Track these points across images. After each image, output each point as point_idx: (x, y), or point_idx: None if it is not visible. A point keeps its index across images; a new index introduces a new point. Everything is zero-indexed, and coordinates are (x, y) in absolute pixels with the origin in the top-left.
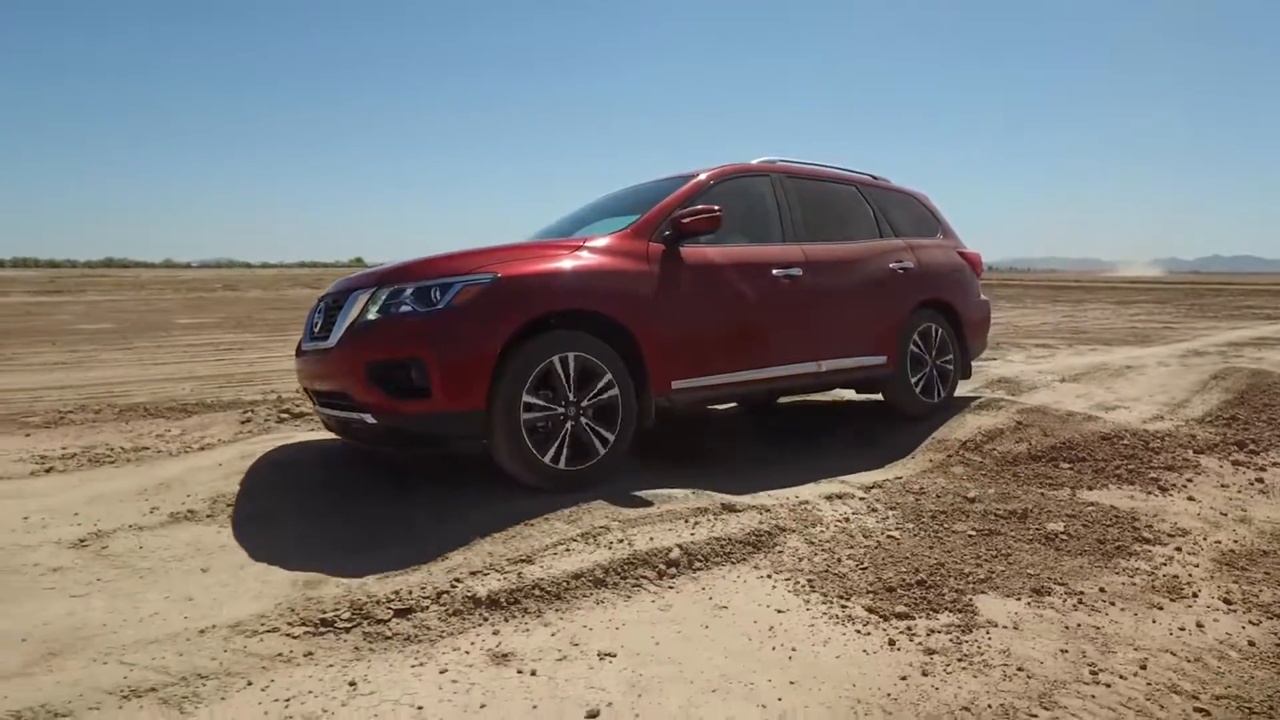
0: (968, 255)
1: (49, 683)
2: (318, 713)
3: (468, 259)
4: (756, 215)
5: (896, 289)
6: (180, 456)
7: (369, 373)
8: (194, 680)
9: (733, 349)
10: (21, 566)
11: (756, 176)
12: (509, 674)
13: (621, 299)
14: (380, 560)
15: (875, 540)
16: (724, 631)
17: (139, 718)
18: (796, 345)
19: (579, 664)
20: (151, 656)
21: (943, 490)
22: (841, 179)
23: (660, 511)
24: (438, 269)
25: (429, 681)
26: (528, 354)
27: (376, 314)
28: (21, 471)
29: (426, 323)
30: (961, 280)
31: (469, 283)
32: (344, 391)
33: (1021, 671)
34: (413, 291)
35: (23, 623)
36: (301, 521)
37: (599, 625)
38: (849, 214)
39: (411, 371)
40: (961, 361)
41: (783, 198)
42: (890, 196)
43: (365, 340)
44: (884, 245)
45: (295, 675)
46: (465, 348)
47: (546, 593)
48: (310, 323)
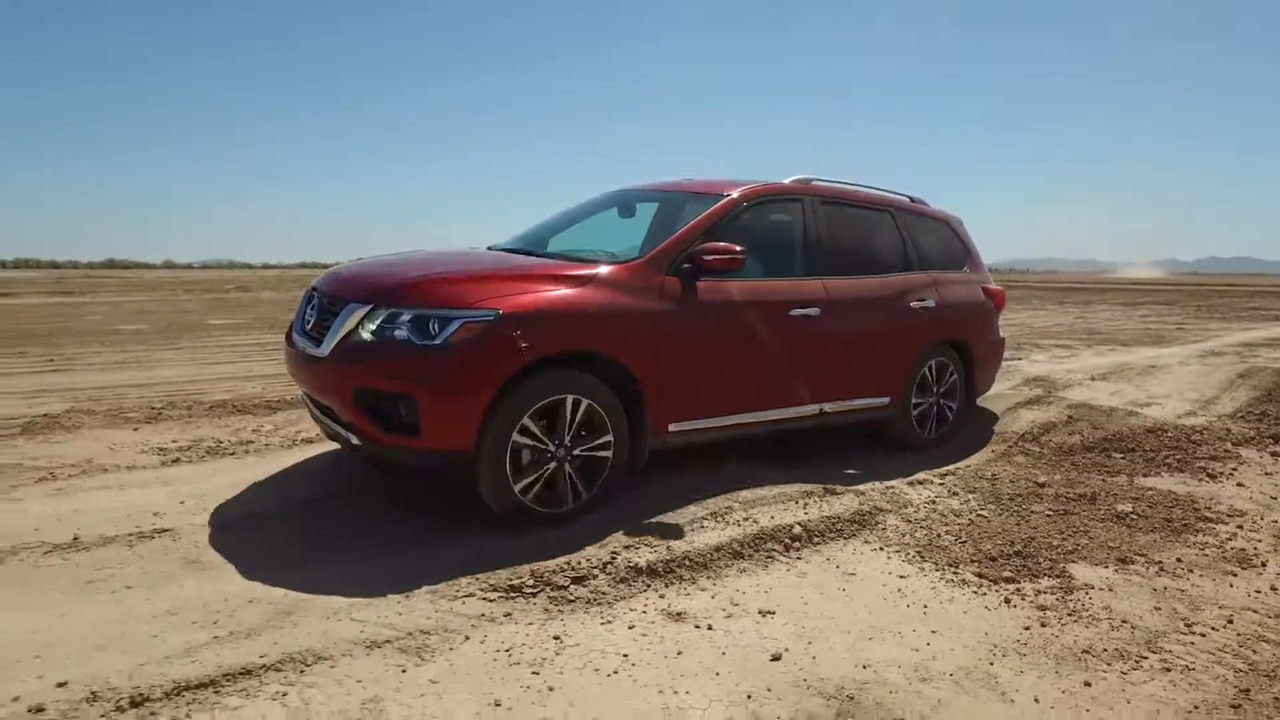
0: (991, 291)
1: (300, 634)
2: (538, 660)
3: (467, 286)
4: (781, 244)
5: (913, 329)
6: (291, 449)
7: (357, 398)
8: (419, 635)
9: (736, 392)
10: (203, 542)
11: (788, 200)
12: (688, 628)
13: (629, 341)
14: (540, 539)
15: (966, 519)
16: (859, 593)
17: (386, 662)
18: (802, 388)
19: (745, 620)
20: (376, 615)
21: (1014, 476)
22: (877, 203)
23: (773, 494)
24: (438, 295)
25: (622, 635)
26: (527, 390)
27: (370, 335)
28: (152, 462)
29: (421, 359)
30: (980, 319)
31: (470, 319)
32: (330, 406)
33: (1125, 623)
34: (410, 319)
35: (242, 588)
36: (448, 506)
37: (749, 589)
38: (878, 244)
39: (401, 406)
40: (966, 400)
41: (811, 225)
42: (922, 223)
43: (357, 362)
44: (908, 281)
45: (504, 631)
46: (459, 390)
47: (695, 563)
48: (302, 313)
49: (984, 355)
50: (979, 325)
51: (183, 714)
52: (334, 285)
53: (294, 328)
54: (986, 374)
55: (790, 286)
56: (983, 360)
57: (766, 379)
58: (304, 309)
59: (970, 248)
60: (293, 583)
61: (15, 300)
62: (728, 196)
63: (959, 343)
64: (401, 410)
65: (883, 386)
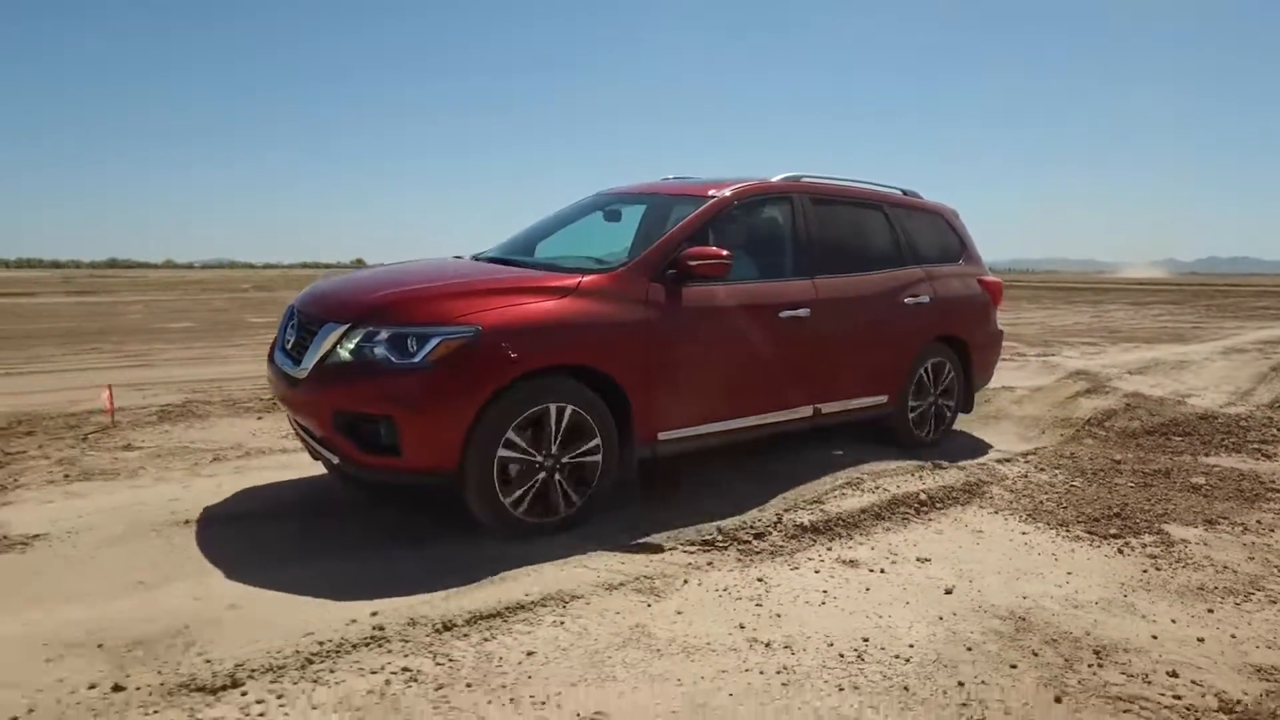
0: (988, 283)
1: (548, 579)
2: (754, 596)
3: (445, 303)
4: (770, 245)
5: (908, 326)
6: None
7: (336, 421)
8: (645, 579)
9: (727, 398)
10: (402, 511)
11: (777, 199)
12: (863, 572)
13: (614, 351)
14: (711, 504)
15: (1060, 489)
16: (994, 545)
17: (630, 599)
18: (794, 391)
19: (908, 565)
20: (605, 564)
21: (1090, 455)
22: (868, 198)
23: (892, 468)
24: (416, 312)
25: (812, 577)
26: (509, 403)
27: (349, 355)
28: (296, 445)
29: (400, 379)
30: (977, 313)
31: (449, 335)
32: (310, 427)
33: (1227, 569)
34: (388, 337)
35: (450, 552)
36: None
37: (899, 542)
38: (870, 240)
39: (381, 428)
40: (965, 395)
41: (801, 224)
42: (915, 216)
43: (335, 383)
44: (901, 277)
45: (714, 576)
46: (439, 410)
47: (846, 523)
48: (283, 332)
49: (982, 349)
50: (976, 319)
51: (486, 635)
52: (312, 304)
53: (275, 346)
54: (985, 369)
55: (779, 288)
56: (980, 355)
57: (757, 383)
58: (284, 327)
59: (965, 240)
60: (512, 540)
61: (41, 300)
62: (715, 198)
63: (956, 338)
64: (381, 431)
65: (880, 385)
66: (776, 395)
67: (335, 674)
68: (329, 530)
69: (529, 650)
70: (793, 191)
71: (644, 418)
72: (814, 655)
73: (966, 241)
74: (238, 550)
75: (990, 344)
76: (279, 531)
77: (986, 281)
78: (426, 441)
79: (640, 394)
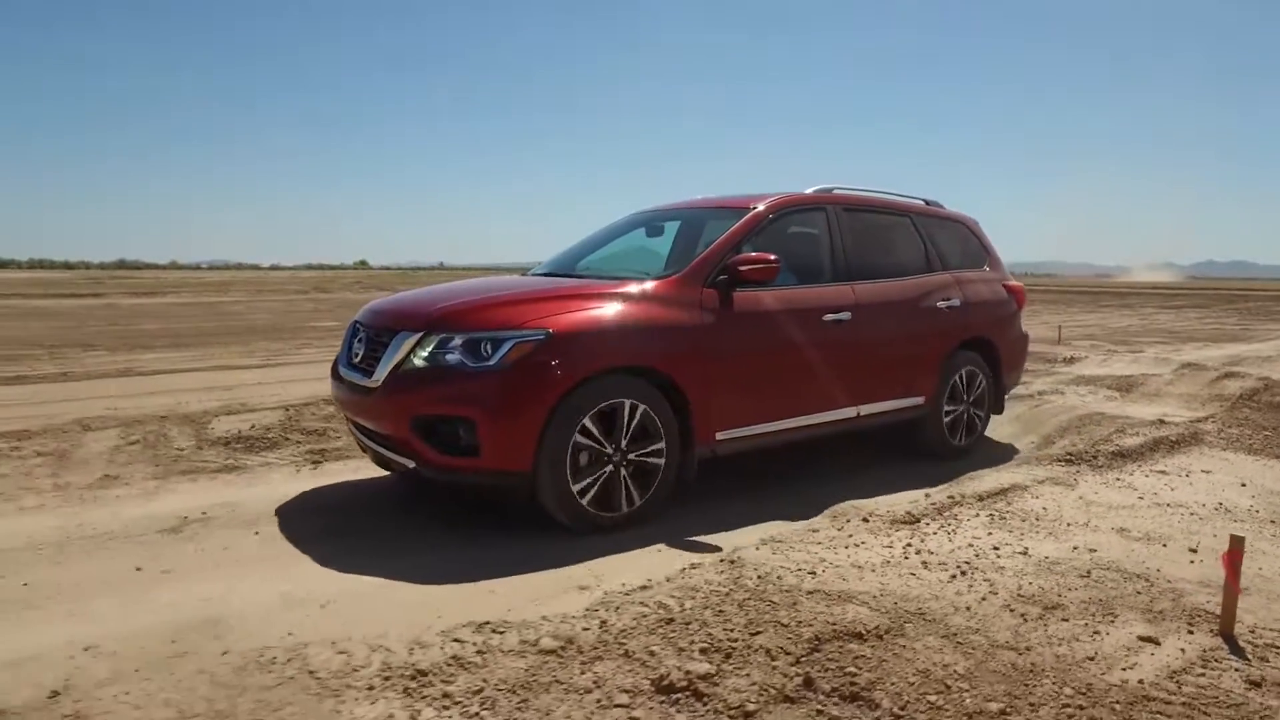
0: (1012, 287)
1: (987, 483)
2: (1086, 499)
3: (515, 309)
4: (809, 253)
5: (941, 328)
6: None
7: (415, 425)
8: (1049, 482)
9: (778, 398)
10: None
11: (812, 210)
12: (1175, 478)
13: (674, 353)
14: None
15: (1260, 437)
16: (1242, 465)
17: (1047, 488)
18: (839, 391)
19: (1197, 474)
20: (1012, 475)
21: (1260, 419)
22: (895, 208)
23: (1135, 421)
24: (488, 319)
25: (1150, 480)
26: (588, 393)
27: (423, 361)
28: None
29: (477, 381)
30: (1004, 315)
31: (521, 339)
32: (385, 434)
33: None
34: (463, 343)
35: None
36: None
37: (1179, 465)
38: (900, 247)
39: (460, 429)
40: (995, 397)
41: (836, 233)
42: (941, 225)
43: (412, 390)
44: (932, 281)
45: (1056, 490)
46: (515, 408)
47: (1127, 456)
48: (348, 347)
49: (1010, 351)
50: (1004, 321)
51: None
52: (379, 317)
53: (339, 361)
54: (1014, 369)
55: (821, 293)
56: (1009, 355)
57: (805, 384)
58: (349, 343)
59: (988, 247)
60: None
61: (144, 301)
62: (756, 209)
63: (985, 340)
64: (460, 433)
65: (916, 387)
66: (823, 396)
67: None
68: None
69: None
70: (826, 203)
71: (703, 418)
72: (1198, 508)
73: (989, 248)
74: None
75: (1018, 345)
76: None
77: (1011, 286)
78: (504, 439)
79: (698, 394)
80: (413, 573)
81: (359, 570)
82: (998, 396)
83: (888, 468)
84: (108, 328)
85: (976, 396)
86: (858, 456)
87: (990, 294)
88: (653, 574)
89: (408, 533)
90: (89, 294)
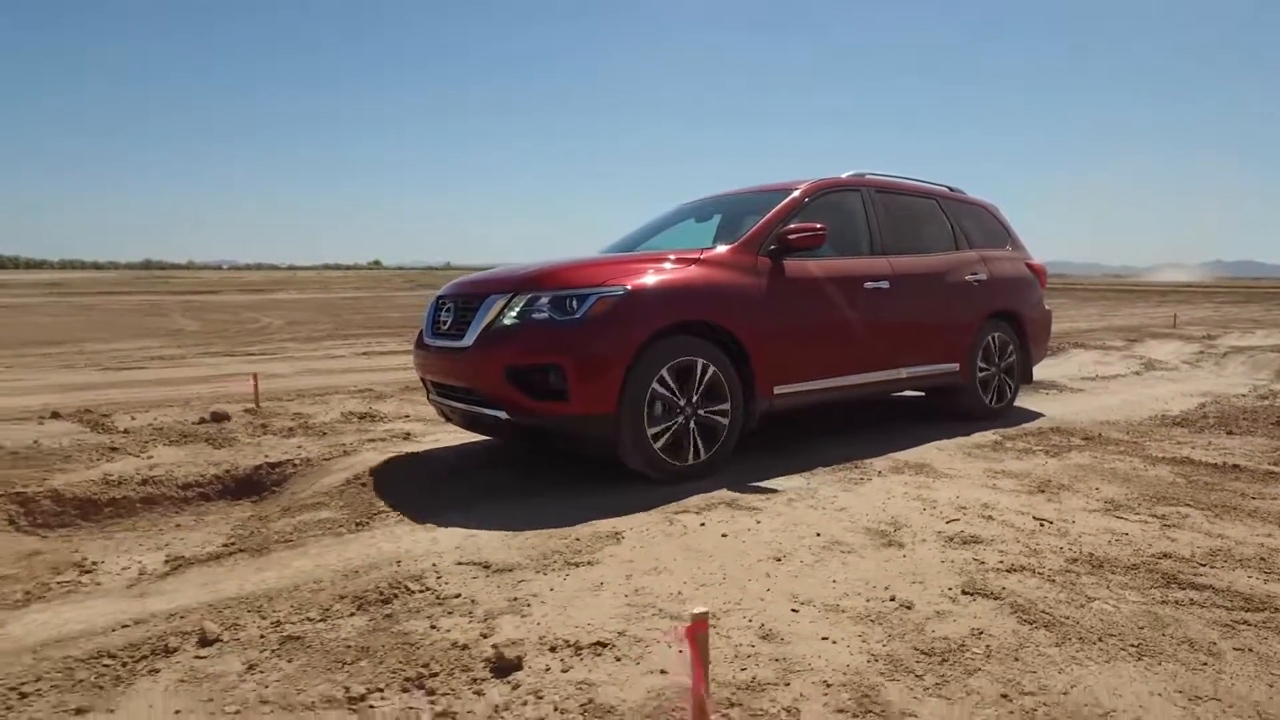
0: (1034, 266)
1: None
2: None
3: (595, 270)
4: (848, 228)
5: (971, 300)
6: None
7: (508, 375)
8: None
9: (828, 357)
10: None
11: (848, 191)
12: None
13: (737, 311)
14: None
15: None
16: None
17: (1032, 448)
18: (882, 353)
19: None
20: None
21: None
22: (923, 192)
23: (1232, 394)
24: (572, 278)
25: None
26: (665, 347)
27: (513, 320)
28: None
29: (565, 331)
30: (1028, 291)
31: (603, 294)
32: (478, 388)
33: None
34: (549, 300)
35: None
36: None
37: None
38: (929, 226)
39: (550, 376)
40: (1023, 367)
41: (871, 211)
42: (965, 209)
43: (504, 343)
44: (960, 258)
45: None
46: (601, 356)
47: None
48: (432, 320)
49: (1034, 323)
50: (1028, 296)
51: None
52: (466, 288)
53: (424, 334)
54: (1039, 342)
55: (861, 263)
56: (1034, 328)
57: (852, 345)
58: (433, 316)
59: (1010, 229)
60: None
61: (269, 296)
62: (797, 190)
63: (1012, 312)
64: (551, 379)
65: (951, 353)
66: (869, 356)
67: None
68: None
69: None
70: (860, 185)
71: (763, 373)
72: None
73: (1010, 231)
74: None
75: (1042, 319)
76: None
77: (1033, 265)
78: (590, 384)
79: (758, 350)
80: None
81: None
82: (1026, 366)
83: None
84: (353, 316)
85: (1007, 364)
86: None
87: (1014, 271)
88: None
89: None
90: (246, 291)
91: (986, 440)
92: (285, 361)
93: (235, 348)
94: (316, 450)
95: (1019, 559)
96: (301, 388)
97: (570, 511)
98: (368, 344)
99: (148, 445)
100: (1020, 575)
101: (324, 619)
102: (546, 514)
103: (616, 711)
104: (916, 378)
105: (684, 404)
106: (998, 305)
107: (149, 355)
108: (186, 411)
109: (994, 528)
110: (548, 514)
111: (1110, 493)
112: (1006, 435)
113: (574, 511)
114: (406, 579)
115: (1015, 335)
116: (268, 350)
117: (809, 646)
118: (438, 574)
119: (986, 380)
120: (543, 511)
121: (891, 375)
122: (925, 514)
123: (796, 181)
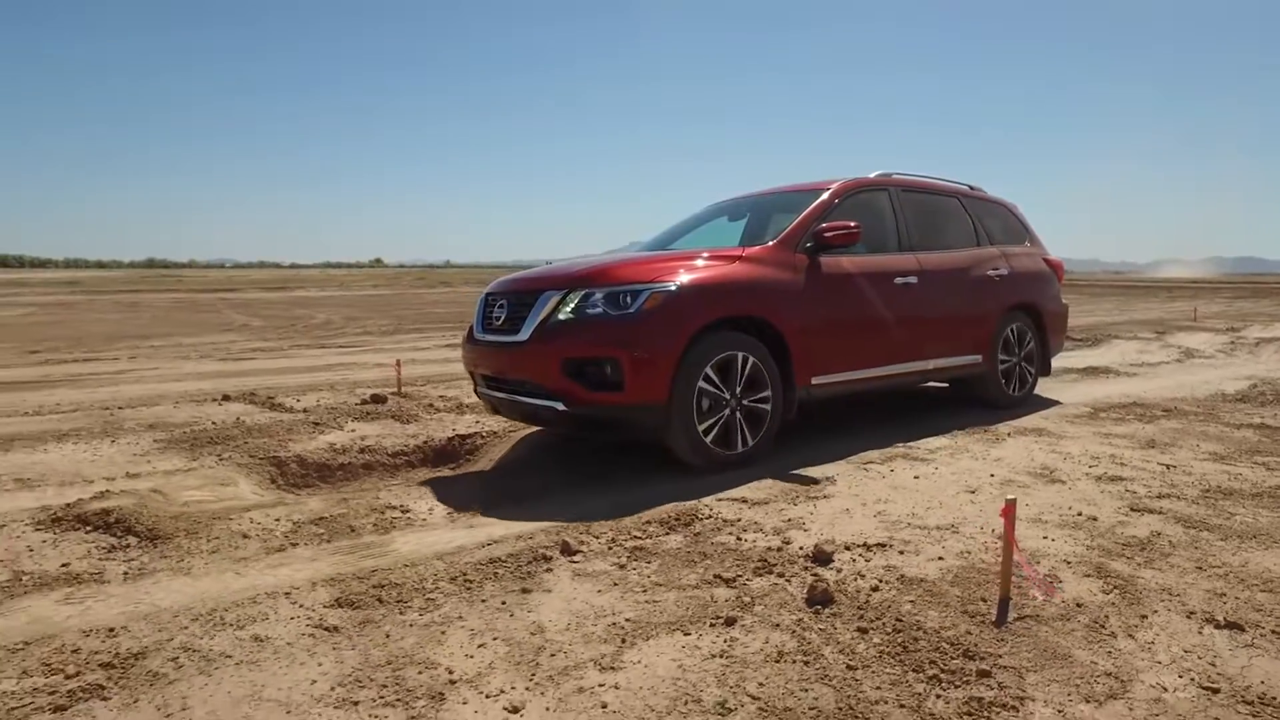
0: (1051, 262)
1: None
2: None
3: (646, 267)
4: (877, 226)
5: (993, 293)
6: None
7: (565, 367)
8: (1062, 426)
9: (861, 349)
10: None
11: (876, 190)
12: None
13: (778, 305)
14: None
15: None
16: None
17: (1042, 432)
18: (911, 345)
19: None
20: (1020, 423)
21: None
22: (946, 190)
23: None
24: (624, 275)
25: None
26: (709, 344)
27: (569, 315)
28: None
29: (620, 325)
30: (1047, 285)
31: (655, 290)
32: (534, 381)
33: None
34: (604, 296)
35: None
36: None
37: None
38: (953, 223)
39: (607, 368)
40: (1042, 358)
41: (899, 209)
42: (986, 206)
43: (561, 337)
44: (982, 253)
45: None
46: (654, 348)
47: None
48: (484, 316)
49: (1052, 316)
50: (1046, 290)
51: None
52: (518, 285)
53: (475, 329)
54: (1057, 334)
55: (891, 260)
56: (1052, 321)
57: (884, 337)
58: (484, 312)
59: (1028, 227)
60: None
61: (317, 294)
62: (831, 189)
63: (1031, 305)
64: (607, 370)
65: (975, 344)
66: (900, 348)
67: None
68: None
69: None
70: (888, 184)
71: (801, 364)
72: None
73: (1029, 228)
74: None
75: (1059, 312)
76: None
77: (1051, 260)
78: (644, 375)
79: (797, 343)
80: None
81: None
82: (1044, 358)
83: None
84: (404, 311)
85: (1026, 354)
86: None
87: (1033, 266)
88: None
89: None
90: (268, 289)
91: (1082, 411)
92: (379, 353)
93: (321, 341)
94: (494, 425)
95: (1163, 489)
96: (422, 375)
97: (777, 466)
98: (443, 336)
99: (341, 421)
100: (1169, 500)
101: (648, 537)
102: (752, 470)
103: (927, 581)
104: (943, 368)
105: (729, 397)
106: (1018, 299)
107: (244, 348)
108: (340, 395)
109: (1130, 470)
110: (753, 470)
111: (1210, 448)
112: (1098, 407)
113: (783, 464)
114: (686, 512)
115: (1034, 327)
116: (355, 343)
117: (1037, 544)
118: (709, 508)
119: (1009, 370)
120: (748, 468)
121: (920, 366)
122: (1068, 462)
123: (826, 181)
